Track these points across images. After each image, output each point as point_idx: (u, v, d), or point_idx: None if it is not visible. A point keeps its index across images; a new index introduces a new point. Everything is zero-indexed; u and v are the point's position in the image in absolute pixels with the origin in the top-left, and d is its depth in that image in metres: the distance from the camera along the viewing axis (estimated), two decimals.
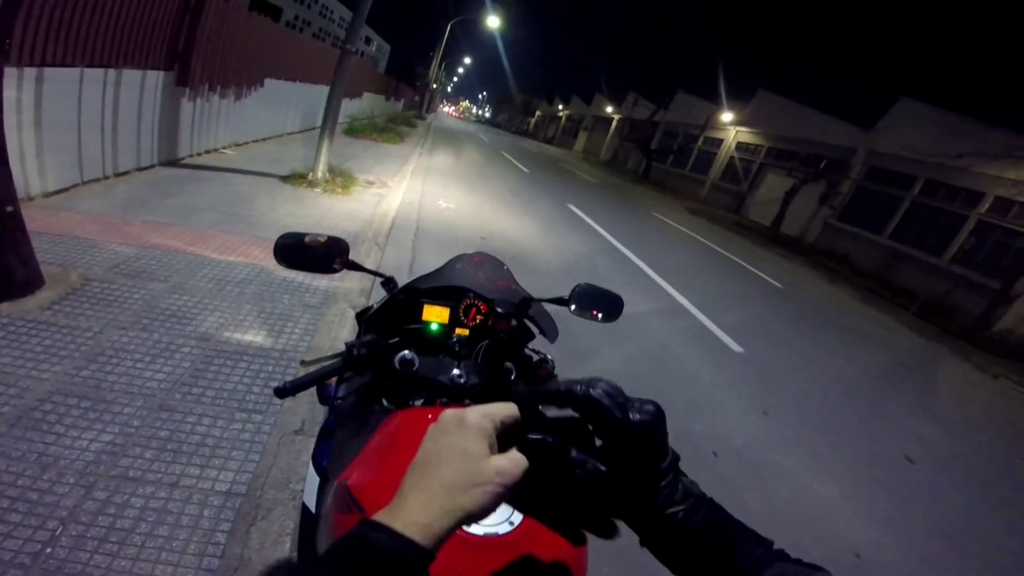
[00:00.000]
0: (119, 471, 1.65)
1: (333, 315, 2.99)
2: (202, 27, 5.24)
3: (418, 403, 0.96)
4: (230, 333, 2.54)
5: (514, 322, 1.06)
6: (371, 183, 7.06)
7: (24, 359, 2.03)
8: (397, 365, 0.93)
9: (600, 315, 1.18)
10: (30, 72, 3.40)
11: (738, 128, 20.66)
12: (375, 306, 1.11)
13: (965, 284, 10.72)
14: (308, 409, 2.13)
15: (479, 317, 1.08)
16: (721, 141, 21.73)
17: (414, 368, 0.93)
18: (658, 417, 0.44)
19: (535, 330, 1.15)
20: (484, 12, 24.11)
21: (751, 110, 20.14)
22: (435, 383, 0.95)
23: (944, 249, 11.80)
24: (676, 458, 0.45)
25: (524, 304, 1.11)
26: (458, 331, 1.07)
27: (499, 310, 1.05)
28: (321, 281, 3.40)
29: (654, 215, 12.95)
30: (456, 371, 0.95)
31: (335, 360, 0.92)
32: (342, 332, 2.82)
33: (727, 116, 20.87)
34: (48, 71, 3.54)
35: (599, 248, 7.17)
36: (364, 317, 1.11)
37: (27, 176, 3.52)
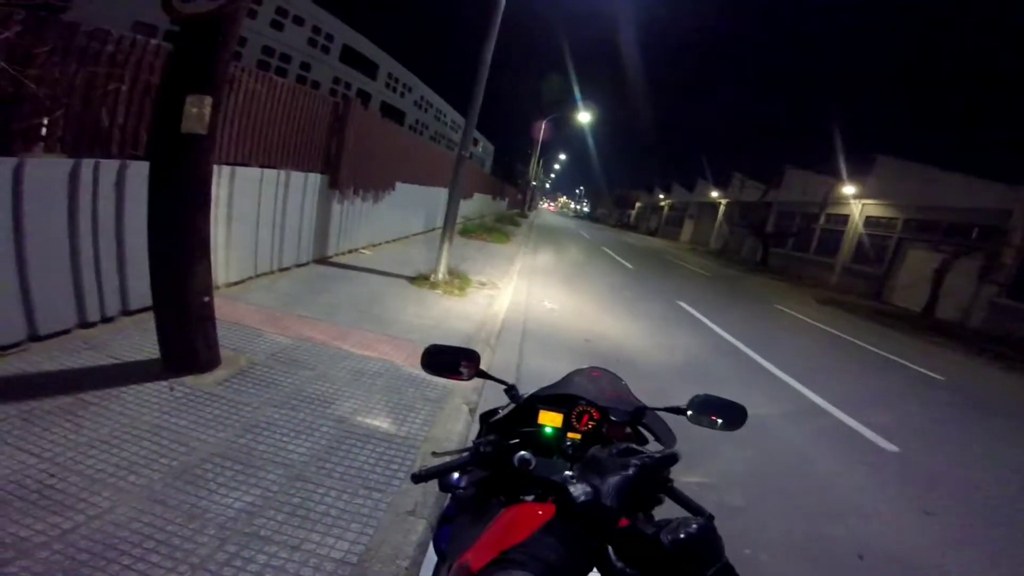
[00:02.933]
0: (252, 529, 1.84)
1: (450, 409, 3.18)
2: (348, 132, 6.00)
3: (529, 499, 1.01)
4: (361, 418, 2.80)
5: (628, 430, 1.09)
6: (483, 284, 7.46)
7: (197, 424, 2.42)
8: (516, 463, 0.99)
9: (720, 421, 1.17)
10: (225, 170, 4.05)
11: (864, 201, 19.00)
12: (501, 412, 1.21)
13: None
14: (421, 493, 2.23)
15: (591, 423, 1.15)
16: (847, 217, 19.99)
17: (530, 467, 1.00)
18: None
19: (649, 437, 1.18)
20: (575, 108, 25.62)
21: (875, 180, 18.53)
22: (548, 482, 1.00)
23: None
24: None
25: (638, 413, 1.16)
26: (570, 435, 1.14)
27: (613, 418, 1.10)
28: (440, 379, 3.63)
29: (777, 307, 11.86)
30: (568, 472, 1.00)
31: (464, 454, 1.03)
32: (456, 425, 2.98)
33: (849, 189, 19.36)
34: (238, 169, 4.25)
35: (715, 348, 6.56)
36: (488, 419, 1.22)
37: (216, 267, 4.05)
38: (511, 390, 1.23)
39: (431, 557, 1.01)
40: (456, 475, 1.17)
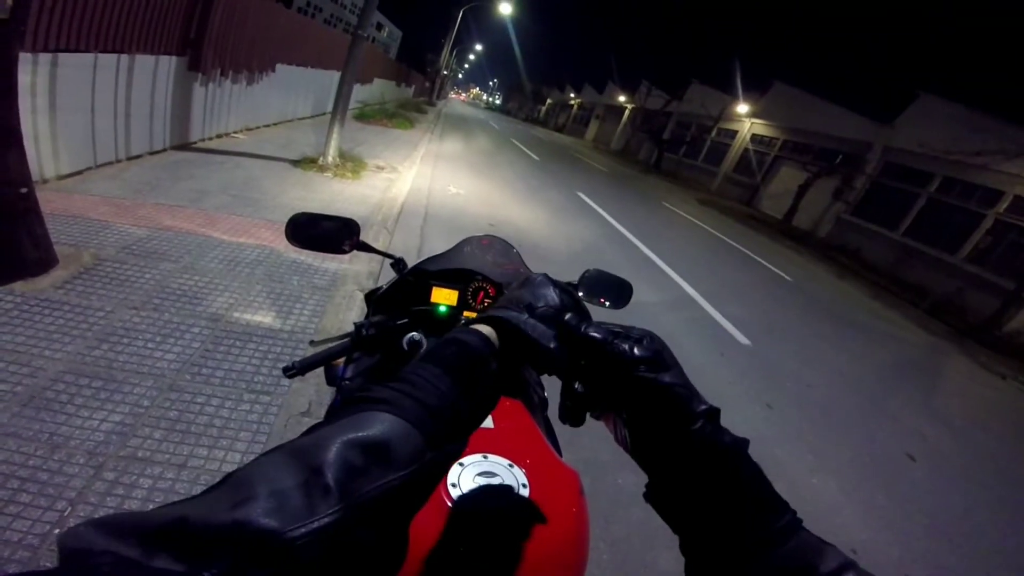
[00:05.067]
0: (128, 451, 1.68)
1: (341, 296, 3.02)
2: (214, 12, 5.23)
3: None
4: (239, 314, 2.58)
5: None
6: (381, 168, 7.07)
7: (37, 338, 2.07)
8: (405, 346, 0.93)
9: (608, 303, 1.17)
10: (44, 57, 3.41)
11: (753, 120, 20.34)
12: (384, 287, 1.12)
13: (978, 283, 10.53)
14: (315, 391, 2.16)
15: (487, 300, 1.09)
16: (735, 133, 21.42)
17: (422, 349, 0.93)
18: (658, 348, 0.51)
19: None
20: None
21: (767, 102, 19.80)
22: None
23: (959, 247, 11.58)
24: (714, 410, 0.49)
25: None
26: (466, 314, 1.08)
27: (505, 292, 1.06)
28: (330, 263, 3.43)
29: (664, 205, 12.87)
30: None
31: (344, 340, 0.93)
32: (350, 314, 2.85)
33: (742, 108, 20.53)
34: (62, 56, 3.56)
35: (608, 237, 7.16)
36: (373, 298, 1.12)
37: (41, 159, 3.56)
38: (398, 264, 1.13)
39: None
40: (343, 365, 1.09)
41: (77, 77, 3.77)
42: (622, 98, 33.62)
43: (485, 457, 0.67)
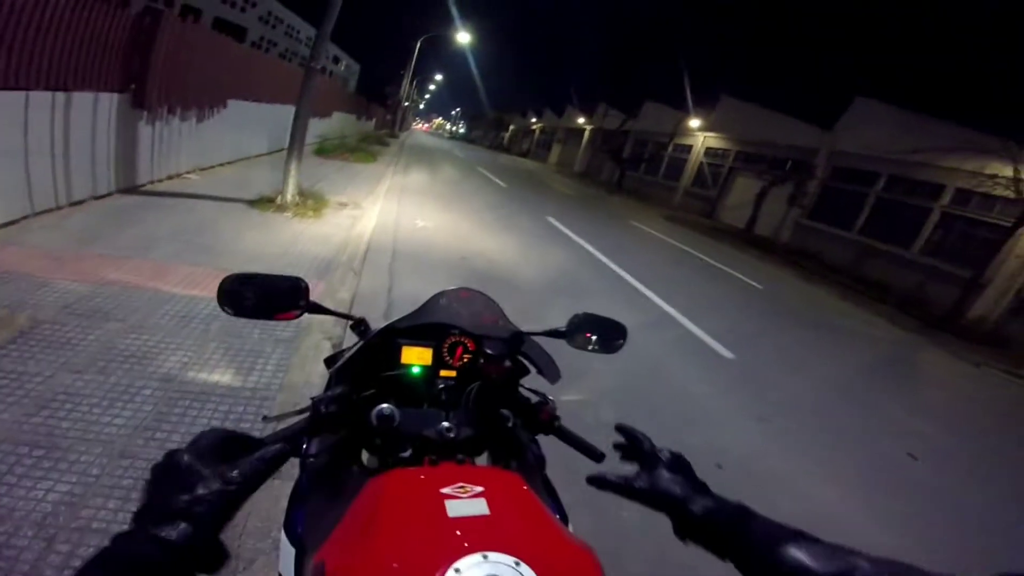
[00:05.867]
0: (81, 523, 1.52)
1: (307, 348, 2.82)
2: (158, 47, 5.04)
3: (404, 455, 0.83)
4: (195, 373, 2.36)
5: (507, 362, 0.95)
6: (344, 204, 6.89)
7: None
8: (374, 421, 0.80)
9: (598, 345, 1.08)
10: None
11: (706, 134, 21.08)
12: (346, 353, 0.97)
13: (936, 274, 11.00)
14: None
15: (467, 356, 0.97)
16: (690, 147, 22.11)
17: (395, 423, 0.81)
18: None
19: (531, 368, 1.04)
20: (454, 29, 24.25)
21: (717, 116, 20.57)
22: (420, 438, 0.83)
23: (912, 242, 12.14)
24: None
25: (516, 339, 1.00)
26: (443, 373, 0.96)
27: (489, 351, 0.92)
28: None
29: (632, 224, 13.05)
30: (445, 423, 0.83)
31: (302, 415, 0.79)
32: (317, 366, 2.65)
33: (694, 122, 21.27)
34: None
35: (581, 260, 7.12)
36: (332, 368, 0.98)
37: None
38: (358, 325, 1.00)
39: (288, 548, 0.80)
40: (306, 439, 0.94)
41: (8, 117, 3.52)
42: (581, 120, 34.47)
43: (485, 557, 0.54)
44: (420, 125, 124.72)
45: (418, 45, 26.39)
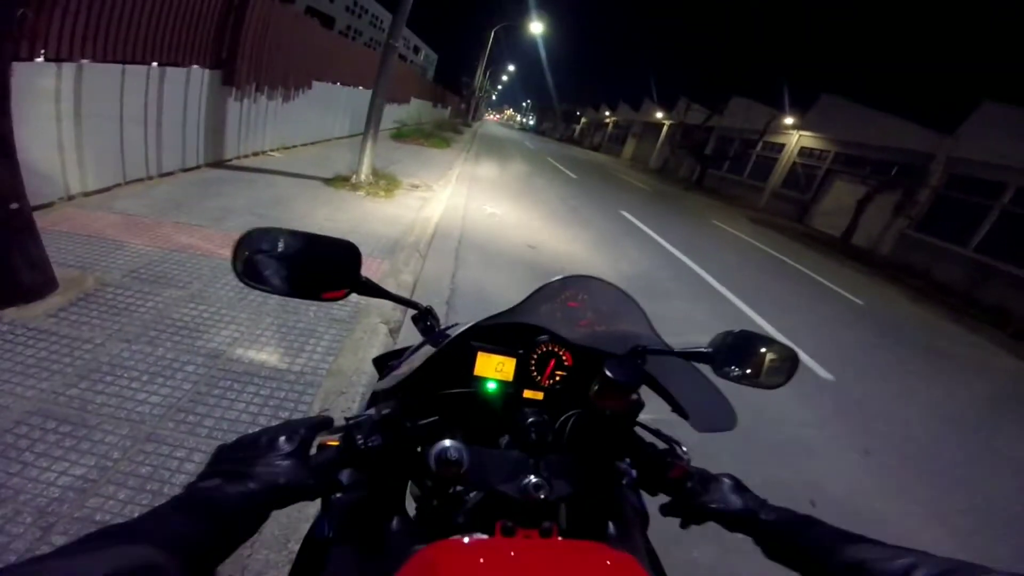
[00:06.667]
0: (84, 513, 1.37)
1: (362, 331, 2.63)
2: (247, 25, 5.12)
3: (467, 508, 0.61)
4: (243, 350, 2.22)
5: (635, 395, 0.62)
6: (415, 187, 6.82)
7: (12, 372, 1.79)
8: (434, 464, 0.54)
9: (749, 379, 0.70)
10: (70, 67, 3.30)
11: (801, 132, 19.33)
12: (404, 360, 0.71)
13: None
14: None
15: (559, 373, 0.67)
16: (782, 146, 20.39)
17: (463, 470, 0.55)
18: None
19: (668, 405, 0.72)
20: (528, 19, 23.89)
21: (814, 114, 18.79)
22: (496, 495, 0.57)
23: None
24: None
25: (637, 355, 0.66)
26: (527, 394, 0.66)
27: (609, 374, 0.59)
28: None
29: (713, 223, 12.13)
30: (533, 477, 0.56)
31: (335, 443, 0.54)
32: (370, 351, 2.45)
33: (789, 120, 19.60)
34: (87, 64, 3.43)
35: (658, 259, 6.57)
36: (381, 379, 0.72)
37: (67, 174, 3.43)
38: (423, 317, 0.73)
39: None
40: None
41: (101, 86, 3.63)
42: (659, 115, 33.08)
43: None
44: (492, 115, 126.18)
45: (492, 35, 26.31)
